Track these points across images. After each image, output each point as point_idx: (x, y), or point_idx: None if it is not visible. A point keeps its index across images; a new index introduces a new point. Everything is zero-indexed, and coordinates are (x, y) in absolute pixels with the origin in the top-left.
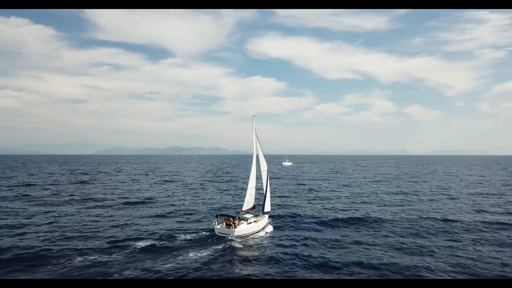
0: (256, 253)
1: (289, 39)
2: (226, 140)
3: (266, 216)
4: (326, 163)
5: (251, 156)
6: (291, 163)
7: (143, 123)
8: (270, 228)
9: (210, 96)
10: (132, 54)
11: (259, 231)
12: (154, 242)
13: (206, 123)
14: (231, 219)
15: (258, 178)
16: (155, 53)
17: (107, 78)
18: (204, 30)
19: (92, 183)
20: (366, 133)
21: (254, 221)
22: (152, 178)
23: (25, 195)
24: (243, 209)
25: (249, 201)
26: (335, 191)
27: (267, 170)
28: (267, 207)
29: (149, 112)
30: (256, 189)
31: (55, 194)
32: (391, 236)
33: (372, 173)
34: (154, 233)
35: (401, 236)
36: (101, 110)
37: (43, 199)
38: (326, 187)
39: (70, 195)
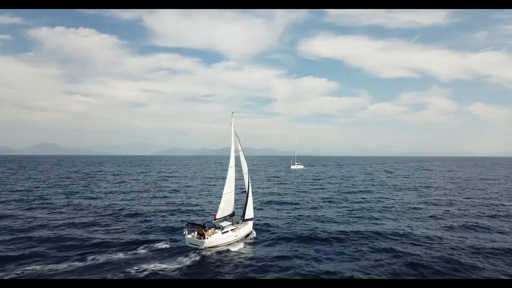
0: (225, 268)
1: (341, 39)
2: (277, 141)
3: (249, 223)
4: (377, 165)
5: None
6: (301, 166)
7: (199, 124)
8: (252, 239)
9: (262, 98)
10: (188, 58)
11: (237, 241)
12: (115, 252)
13: (258, 124)
14: (202, 228)
15: (258, 181)
16: (209, 57)
17: (165, 82)
18: (256, 33)
19: (96, 184)
20: (424, 134)
21: (232, 230)
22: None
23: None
24: (217, 216)
25: (224, 208)
26: (342, 198)
27: (248, 173)
28: (249, 214)
29: (204, 114)
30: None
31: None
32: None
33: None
34: (120, 242)
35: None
36: (159, 112)
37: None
38: (341, 194)
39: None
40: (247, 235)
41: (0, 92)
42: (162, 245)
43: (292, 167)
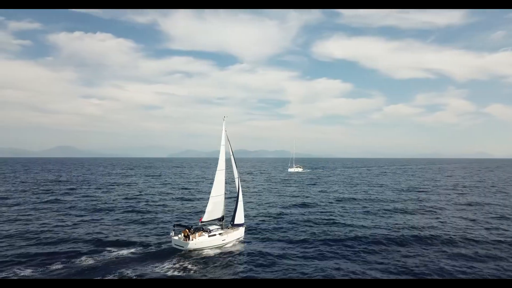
0: (207, 269)
1: (354, 40)
2: (291, 143)
3: (241, 229)
4: (382, 167)
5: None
6: (300, 169)
7: (212, 127)
8: (241, 243)
9: (275, 100)
10: (202, 61)
11: (224, 245)
12: (99, 253)
13: (270, 126)
14: (187, 230)
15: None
16: (223, 59)
17: (179, 85)
18: (269, 35)
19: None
20: (440, 135)
21: (219, 234)
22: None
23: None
24: (204, 219)
25: (212, 211)
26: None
27: (239, 177)
28: (238, 219)
29: (217, 116)
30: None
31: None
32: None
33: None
34: (101, 242)
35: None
36: (173, 115)
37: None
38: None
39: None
40: (237, 240)
41: (19, 95)
42: (150, 246)
43: (289, 170)
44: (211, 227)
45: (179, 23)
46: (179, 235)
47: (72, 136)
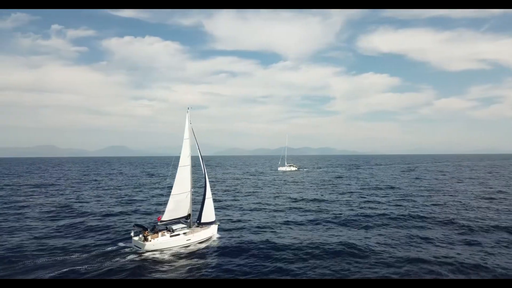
0: (160, 270)
1: (401, 32)
2: (335, 140)
3: (211, 227)
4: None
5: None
6: (294, 168)
7: (256, 125)
8: (209, 245)
9: (319, 97)
10: (246, 60)
11: (189, 246)
12: (53, 255)
13: (315, 123)
14: (146, 231)
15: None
16: (266, 58)
17: (223, 84)
18: (312, 32)
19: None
20: (497, 130)
21: (184, 233)
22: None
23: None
24: (163, 218)
25: (174, 210)
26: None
27: (206, 174)
28: (206, 217)
29: (261, 115)
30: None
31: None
32: None
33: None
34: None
35: None
36: (218, 114)
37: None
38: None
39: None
40: (206, 240)
41: (76, 99)
42: (110, 247)
43: (280, 169)
44: (175, 226)
45: (223, 24)
46: (140, 236)
47: (124, 136)
